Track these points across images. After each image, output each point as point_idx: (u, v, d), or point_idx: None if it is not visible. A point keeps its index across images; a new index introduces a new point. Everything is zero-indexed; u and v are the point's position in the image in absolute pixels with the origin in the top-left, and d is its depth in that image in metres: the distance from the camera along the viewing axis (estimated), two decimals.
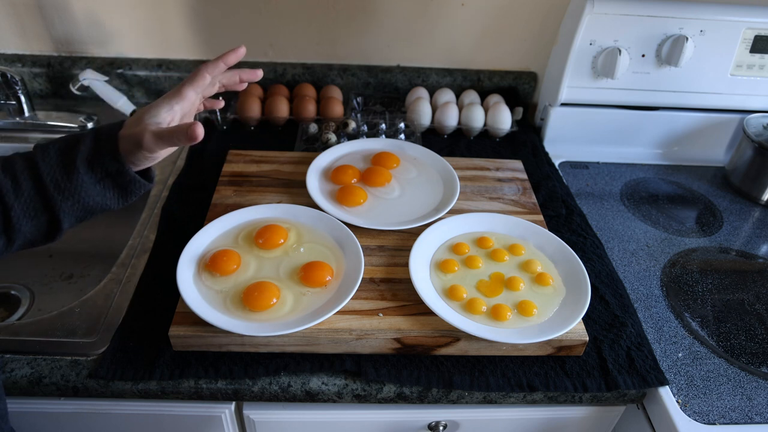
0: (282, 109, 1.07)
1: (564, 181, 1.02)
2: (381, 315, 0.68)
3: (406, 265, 0.73)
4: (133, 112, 1.05)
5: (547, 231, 0.80)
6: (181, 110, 0.61)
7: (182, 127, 0.56)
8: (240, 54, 0.64)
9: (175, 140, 0.56)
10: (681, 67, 1.00)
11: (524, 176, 0.96)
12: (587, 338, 0.68)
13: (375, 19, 1.09)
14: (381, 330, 0.66)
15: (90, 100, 1.09)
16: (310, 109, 1.07)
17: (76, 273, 0.98)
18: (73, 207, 0.57)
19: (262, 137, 1.07)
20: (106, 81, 1.04)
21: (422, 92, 1.12)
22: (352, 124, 1.04)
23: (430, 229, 0.79)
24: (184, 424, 0.72)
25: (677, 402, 0.66)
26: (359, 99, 1.14)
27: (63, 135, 0.59)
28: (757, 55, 1.03)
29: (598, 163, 1.10)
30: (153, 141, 0.56)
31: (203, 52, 1.12)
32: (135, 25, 1.08)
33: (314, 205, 0.82)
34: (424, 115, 1.08)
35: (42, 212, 0.56)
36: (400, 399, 0.66)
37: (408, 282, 0.71)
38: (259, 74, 0.68)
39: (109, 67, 1.11)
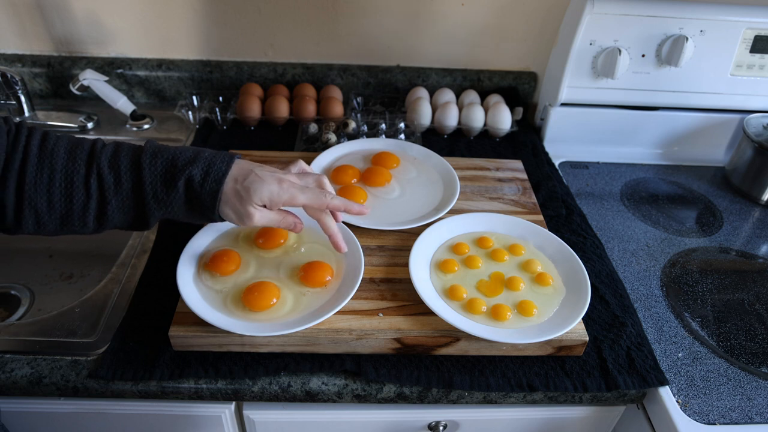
0: (282, 109, 1.07)
1: (564, 181, 1.02)
2: (381, 315, 0.68)
3: (406, 265, 0.73)
4: (134, 112, 1.05)
5: (547, 231, 0.80)
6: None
7: (289, 226, 0.65)
8: (362, 214, 0.69)
9: (278, 227, 0.66)
10: (681, 67, 1.01)
11: (524, 176, 0.96)
12: (587, 338, 0.68)
13: (375, 19, 1.09)
14: (381, 330, 0.66)
15: (90, 100, 1.09)
16: (310, 109, 1.07)
17: (76, 273, 0.98)
18: (163, 215, 0.61)
19: (262, 137, 1.07)
20: (106, 81, 1.04)
21: (422, 92, 1.12)
22: (352, 124, 1.04)
23: (430, 229, 0.79)
24: (184, 424, 0.72)
25: (677, 402, 0.66)
26: (359, 99, 1.14)
27: (174, 146, 0.62)
28: (757, 55, 1.03)
29: (598, 163, 1.10)
30: (252, 223, 0.61)
31: (203, 52, 1.12)
32: (135, 25, 1.08)
33: None
34: (424, 115, 1.08)
35: (134, 210, 0.60)
36: (400, 399, 0.66)
37: (408, 282, 0.71)
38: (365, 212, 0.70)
39: (109, 67, 1.11)
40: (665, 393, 0.66)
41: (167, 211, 0.60)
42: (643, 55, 1.02)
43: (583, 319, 0.69)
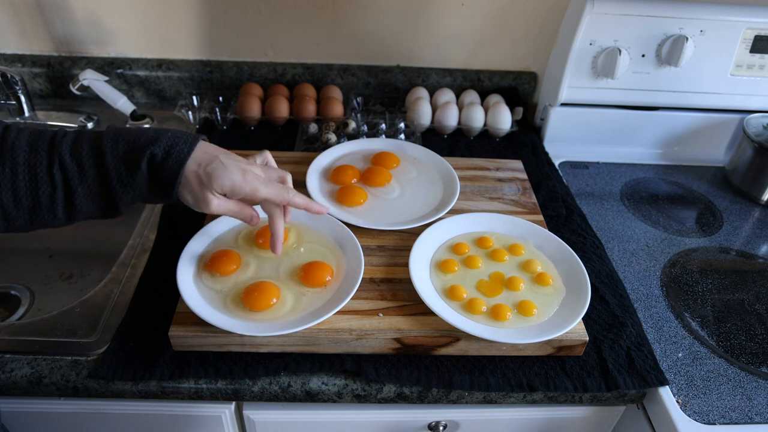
0: (282, 109, 1.07)
1: (564, 181, 1.02)
2: (381, 315, 0.68)
3: (406, 265, 0.73)
4: (134, 112, 1.05)
5: (547, 231, 0.80)
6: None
7: (245, 217, 0.64)
8: (321, 213, 0.69)
9: (233, 217, 0.64)
10: (681, 67, 1.00)
11: (524, 176, 0.96)
12: (587, 338, 0.68)
13: (375, 19, 1.09)
14: (381, 330, 0.66)
15: (90, 100, 1.09)
16: (310, 109, 1.07)
17: (76, 273, 0.98)
18: (131, 198, 0.59)
19: (262, 137, 1.07)
20: (106, 81, 1.04)
21: (422, 92, 1.12)
22: (352, 124, 1.04)
23: (430, 229, 0.79)
24: (184, 424, 0.72)
25: (677, 402, 0.66)
26: (359, 99, 1.14)
27: (136, 128, 0.60)
28: (757, 55, 1.03)
29: (598, 163, 1.10)
30: (209, 210, 0.60)
31: (203, 52, 1.12)
32: (135, 25, 1.08)
33: None
34: (424, 115, 1.08)
35: (102, 197, 0.58)
36: (400, 399, 0.66)
37: (408, 282, 0.71)
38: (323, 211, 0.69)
39: (109, 67, 1.11)
40: (665, 393, 0.66)
41: (134, 194, 0.58)
42: (643, 55, 1.02)
43: (583, 319, 0.69)
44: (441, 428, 0.74)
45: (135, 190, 0.58)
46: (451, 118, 1.07)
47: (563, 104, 1.08)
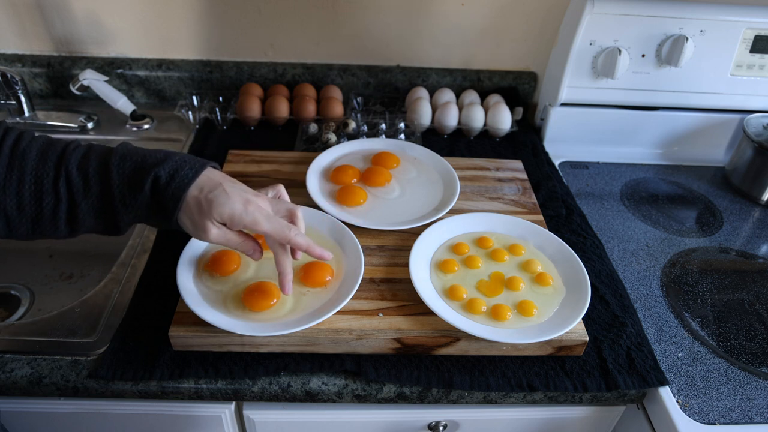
0: (282, 109, 1.07)
1: (564, 181, 1.02)
2: (381, 315, 0.68)
3: (406, 265, 0.73)
4: (134, 112, 1.05)
5: (547, 231, 0.80)
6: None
7: (247, 250, 0.62)
8: (323, 259, 0.65)
9: (235, 249, 0.63)
10: (681, 67, 1.00)
11: (524, 176, 0.96)
12: (587, 338, 0.68)
13: (375, 19, 1.09)
14: (381, 330, 0.66)
15: (90, 100, 1.09)
16: (310, 109, 1.07)
17: (76, 273, 0.98)
18: (132, 218, 0.59)
19: (262, 137, 1.07)
20: (106, 81, 1.04)
21: (422, 92, 1.12)
22: (352, 124, 1.04)
23: (430, 229, 0.79)
24: (184, 424, 0.72)
25: (677, 402, 0.66)
26: (359, 99, 1.14)
27: (148, 148, 0.60)
28: (757, 55, 1.03)
29: (598, 163, 1.10)
30: (207, 239, 0.59)
31: (203, 52, 1.12)
32: (135, 25, 1.08)
33: (314, 205, 0.82)
34: (424, 115, 1.08)
35: (104, 214, 0.58)
36: (400, 399, 0.66)
37: (408, 282, 0.71)
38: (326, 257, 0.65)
39: (109, 67, 1.11)
40: (665, 393, 0.66)
41: (136, 215, 0.58)
42: (643, 55, 1.02)
43: (583, 319, 0.69)
44: (441, 428, 0.74)
45: (136, 210, 0.57)
46: (451, 118, 1.07)
47: (563, 104, 1.08)
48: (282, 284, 0.62)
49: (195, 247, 0.73)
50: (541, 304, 0.70)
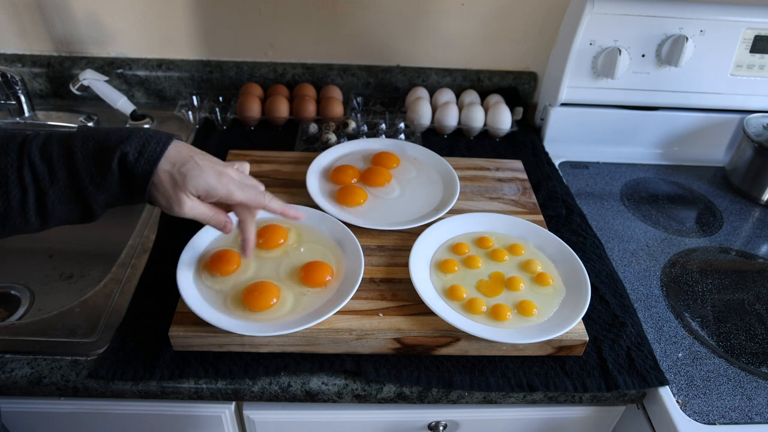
0: (282, 109, 1.07)
1: (564, 181, 1.02)
2: (381, 315, 0.68)
3: (406, 265, 0.73)
4: (134, 112, 1.05)
5: (547, 231, 0.80)
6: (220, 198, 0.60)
7: (219, 224, 0.62)
8: (297, 219, 0.68)
9: (206, 223, 0.62)
10: (681, 67, 1.01)
11: (524, 176, 0.96)
12: (587, 338, 0.68)
13: (375, 19, 1.09)
14: (381, 330, 0.66)
15: (90, 100, 1.09)
16: (310, 109, 1.07)
17: (76, 273, 0.98)
18: (105, 200, 0.57)
19: (262, 137, 1.07)
20: (106, 81, 1.04)
21: (422, 92, 1.12)
22: (352, 124, 1.04)
23: (430, 229, 0.79)
24: (184, 424, 0.72)
25: (677, 402, 0.66)
26: (359, 99, 1.14)
27: (105, 127, 0.58)
28: (757, 55, 1.03)
29: (598, 163, 1.10)
30: (181, 212, 0.59)
31: (203, 52, 1.12)
32: (135, 25, 1.08)
33: (314, 205, 0.82)
34: (424, 115, 1.08)
35: (75, 199, 0.56)
36: (400, 399, 0.66)
37: (408, 282, 0.71)
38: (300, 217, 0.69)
39: (109, 67, 1.11)
40: (665, 393, 0.66)
41: (107, 195, 0.56)
42: (643, 55, 1.02)
43: (583, 319, 0.69)
44: (441, 428, 0.74)
45: (107, 191, 0.56)
46: (451, 118, 1.07)
47: (563, 104, 1.08)
48: (245, 249, 0.66)
49: (195, 247, 0.73)
50: (541, 304, 0.70)
